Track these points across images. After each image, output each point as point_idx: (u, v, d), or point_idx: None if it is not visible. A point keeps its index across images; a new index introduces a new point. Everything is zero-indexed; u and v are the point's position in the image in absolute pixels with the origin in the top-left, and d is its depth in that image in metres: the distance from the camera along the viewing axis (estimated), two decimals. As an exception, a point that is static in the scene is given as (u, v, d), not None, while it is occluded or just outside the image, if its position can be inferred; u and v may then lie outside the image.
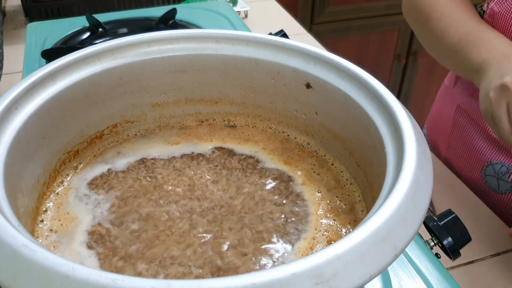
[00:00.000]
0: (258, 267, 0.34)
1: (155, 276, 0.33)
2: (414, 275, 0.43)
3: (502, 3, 0.62)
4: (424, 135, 0.89)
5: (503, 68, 0.52)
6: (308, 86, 0.43)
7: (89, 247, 0.36)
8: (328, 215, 0.39)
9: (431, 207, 0.67)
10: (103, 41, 0.47)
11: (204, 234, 0.37)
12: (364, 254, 0.25)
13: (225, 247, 0.36)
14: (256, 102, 0.48)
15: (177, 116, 0.49)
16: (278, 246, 0.36)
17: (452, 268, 0.57)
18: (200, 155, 0.45)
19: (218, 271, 0.34)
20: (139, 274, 0.33)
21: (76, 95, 0.41)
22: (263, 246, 0.36)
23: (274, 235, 0.37)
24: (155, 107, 0.48)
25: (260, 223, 0.38)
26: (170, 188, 0.41)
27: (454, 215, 0.43)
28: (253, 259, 0.35)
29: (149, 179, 0.42)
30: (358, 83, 0.39)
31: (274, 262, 0.35)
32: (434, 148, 0.85)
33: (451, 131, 0.77)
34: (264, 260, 0.35)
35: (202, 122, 0.50)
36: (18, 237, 0.25)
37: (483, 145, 0.71)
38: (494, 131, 0.53)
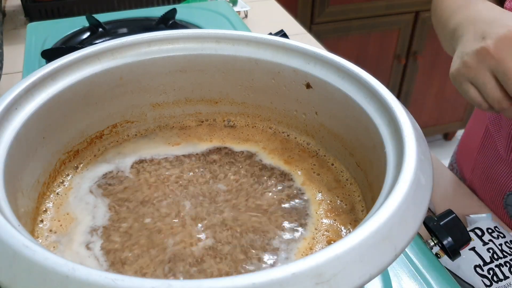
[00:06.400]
0: (257, 267, 0.34)
1: (155, 276, 0.33)
2: (414, 275, 0.43)
3: None
4: (455, 153, 0.85)
5: (481, 31, 0.48)
6: (308, 86, 0.43)
7: (88, 248, 0.36)
8: (329, 215, 0.39)
9: (431, 207, 0.67)
10: (103, 41, 0.47)
11: (203, 235, 0.37)
12: (364, 254, 0.25)
13: (224, 247, 0.36)
14: (256, 102, 0.48)
15: (177, 116, 0.49)
16: (278, 246, 0.36)
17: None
18: (200, 155, 0.45)
19: (217, 271, 0.34)
20: (139, 274, 0.33)
21: (76, 95, 0.41)
22: (263, 246, 0.36)
23: (274, 235, 0.37)
24: (155, 107, 0.48)
25: (260, 223, 0.38)
26: (170, 188, 0.41)
27: (454, 215, 0.43)
28: (252, 259, 0.35)
29: (149, 180, 0.42)
30: (358, 83, 0.39)
31: (273, 262, 0.35)
32: (460, 169, 0.81)
33: (478, 153, 0.74)
34: (263, 260, 0.35)
35: (202, 122, 0.50)
36: (18, 237, 0.25)
37: (504, 174, 0.67)
38: (467, 97, 0.49)
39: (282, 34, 0.70)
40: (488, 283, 0.54)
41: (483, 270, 0.55)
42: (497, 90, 0.46)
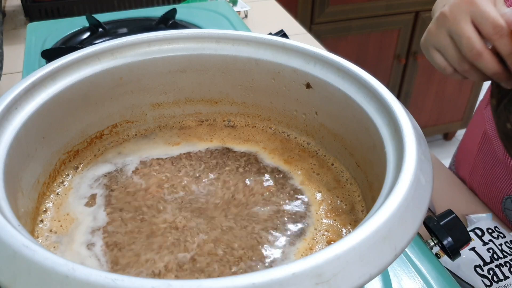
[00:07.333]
0: (257, 267, 0.34)
1: (155, 275, 0.33)
2: (414, 275, 0.43)
3: None
4: (454, 155, 0.86)
5: (445, 2, 0.51)
6: (308, 86, 0.43)
7: (89, 248, 0.36)
8: (329, 215, 0.39)
9: (431, 207, 0.67)
10: (103, 41, 0.47)
11: (203, 235, 0.37)
12: (364, 254, 0.25)
13: (224, 247, 0.36)
14: (256, 102, 0.48)
15: (177, 116, 0.49)
16: (278, 246, 0.36)
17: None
18: (200, 155, 0.45)
19: (217, 272, 0.34)
20: (139, 275, 0.33)
21: (76, 95, 0.41)
22: (263, 246, 0.36)
23: (274, 235, 0.37)
24: (155, 107, 0.48)
25: (259, 222, 0.38)
26: (170, 189, 0.41)
27: (454, 215, 0.43)
28: (253, 259, 0.35)
29: (149, 180, 0.42)
30: (358, 83, 0.39)
31: (273, 262, 0.35)
32: (458, 172, 0.81)
33: (476, 156, 0.74)
34: (263, 261, 0.35)
35: (202, 122, 0.50)
36: (18, 237, 0.25)
37: (503, 177, 0.67)
38: (434, 63, 0.52)
39: (282, 34, 0.70)
40: (488, 283, 0.54)
41: (483, 270, 0.55)
42: (456, 51, 0.48)
